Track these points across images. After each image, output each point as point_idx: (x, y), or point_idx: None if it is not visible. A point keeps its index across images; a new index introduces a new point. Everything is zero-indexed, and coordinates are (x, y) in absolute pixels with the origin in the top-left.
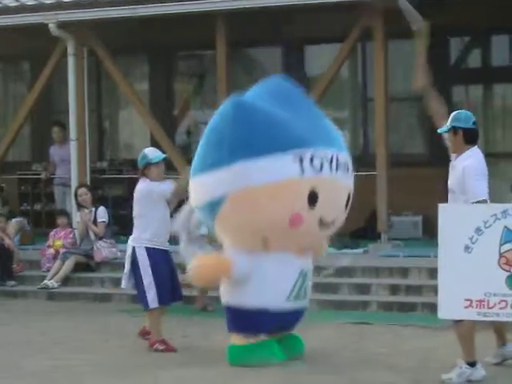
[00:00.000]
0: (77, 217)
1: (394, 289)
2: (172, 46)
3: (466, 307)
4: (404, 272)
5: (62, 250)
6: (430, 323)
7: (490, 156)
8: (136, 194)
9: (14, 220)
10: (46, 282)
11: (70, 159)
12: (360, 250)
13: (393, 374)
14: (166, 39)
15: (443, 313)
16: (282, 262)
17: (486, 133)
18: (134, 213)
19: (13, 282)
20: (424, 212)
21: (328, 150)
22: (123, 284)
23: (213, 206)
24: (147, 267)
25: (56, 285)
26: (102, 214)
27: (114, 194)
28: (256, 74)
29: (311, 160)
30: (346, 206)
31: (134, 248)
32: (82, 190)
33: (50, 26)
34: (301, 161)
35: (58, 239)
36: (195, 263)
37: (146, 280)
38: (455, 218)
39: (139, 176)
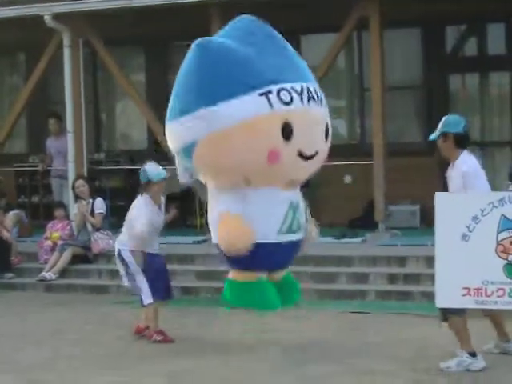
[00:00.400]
0: (74, 208)
1: (392, 278)
2: (168, 37)
3: (463, 295)
4: (402, 261)
5: (59, 242)
6: (428, 312)
7: (486, 144)
8: (133, 209)
9: (11, 212)
10: (43, 273)
11: (67, 151)
12: (358, 240)
13: (391, 362)
14: (162, 30)
15: (441, 301)
16: (268, 197)
17: (483, 121)
18: (127, 217)
19: (11, 275)
20: (421, 201)
21: (297, 83)
22: (124, 281)
23: (187, 152)
24: (136, 265)
25: (54, 277)
26: (100, 205)
27: (111, 185)
28: None
29: (278, 94)
30: (326, 137)
31: (120, 250)
32: (80, 182)
33: (46, 17)
34: (268, 95)
35: (55, 231)
36: (221, 234)
37: (137, 277)
38: (452, 207)
39: (141, 191)
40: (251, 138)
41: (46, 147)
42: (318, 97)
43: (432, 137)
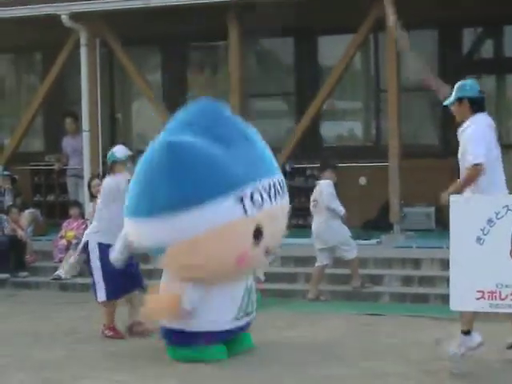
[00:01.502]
0: (89, 207)
1: (407, 280)
2: (185, 37)
3: (477, 299)
4: (417, 263)
5: (74, 241)
6: (443, 314)
7: (503, 147)
8: (101, 190)
9: (26, 211)
10: (58, 272)
11: (83, 150)
12: (373, 241)
13: (405, 365)
14: (179, 30)
15: (455, 304)
16: (227, 290)
17: (499, 123)
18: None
19: (25, 273)
20: (437, 203)
21: (265, 180)
22: (78, 268)
23: (154, 251)
24: (97, 261)
25: (68, 275)
26: None
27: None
28: (268, 65)
29: (251, 197)
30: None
31: (87, 242)
32: (95, 181)
33: (63, 17)
34: (242, 200)
35: (70, 230)
36: (149, 305)
37: (95, 274)
38: (467, 210)
39: (108, 172)
40: (223, 244)
41: (62, 146)
42: (281, 188)
43: (447, 102)
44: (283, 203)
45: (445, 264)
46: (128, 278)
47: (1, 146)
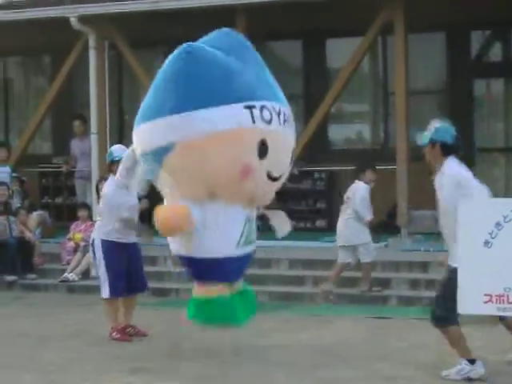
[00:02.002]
0: (98, 209)
1: (414, 283)
2: (192, 40)
3: (485, 302)
4: (424, 266)
5: (82, 243)
6: None
7: (511, 150)
8: (102, 196)
9: (34, 213)
10: (66, 275)
11: (91, 152)
12: (380, 244)
13: (412, 368)
14: (187, 32)
15: (463, 308)
16: (229, 212)
17: (507, 127)
18: (101, 205)
19: (33, 275)
20: None
21: (275, 103)
22: (93, 272)
23: (160, 154)
24: (101, 258)
25: (76, 278)
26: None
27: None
28: (277, 68)
29: (261, 110)
30: (291, 160)
31: (93, 239)
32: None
33: (71, 19)
34: (252, 110)
35: (78, 232)
36: (159, 216)
37: (100, 270)
38: (475, 213)
39: (106, 172)
40: (228, 148)
41: (71, 148)
42: (290, 121)
43: (421, 143)
44: (291, 133)
45: None
46: (132, 278)
47: (9, 147)
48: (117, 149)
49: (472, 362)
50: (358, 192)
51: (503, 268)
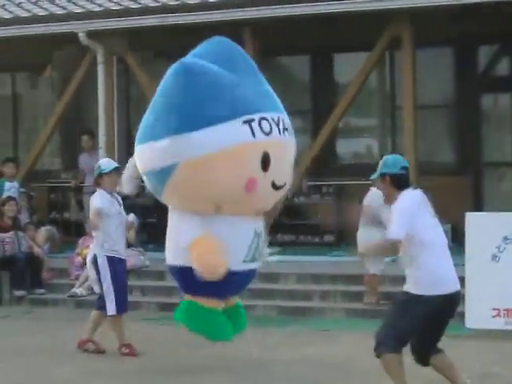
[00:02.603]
0: (90, 224)
1: None
2: None
3: (493, 316)
4: None
5: None
6: (459, 332)
7: None
8: (92, 209)
9: (43, 228)
10: (74, 290)
11: None
12: (388, 259)
13: (420, 383)
14: (195, 47)
15: (471, 322)
16: (236, 225)
17: None
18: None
19: (42, 290)
20: (453, 221)
21: (274, 113)
22: (95, 289)
23: (163, 174)
24: (107, 275)
25: (84, 293)
26: (132, 221)
27: (142, 202)
28: (285, 82)
29: (260, 123)
30: (292, 169)
31: (95, 255)
32: None
33: (80, 35)
34: (251, 124)
35: (86, 247)
36: (195, 254)
37: (106, 287)
38: (482, 228)
39: (94, 185)
40: (232, 165)
41: (79, 163)
42: (290, 129)
43: (373, 176)
44: (291, 141)
45: (461, 282)
46: (126, 290)
47: (18, 163)
48: (105, 162)
49: None
50: (374, 198)
51: (511, 282)
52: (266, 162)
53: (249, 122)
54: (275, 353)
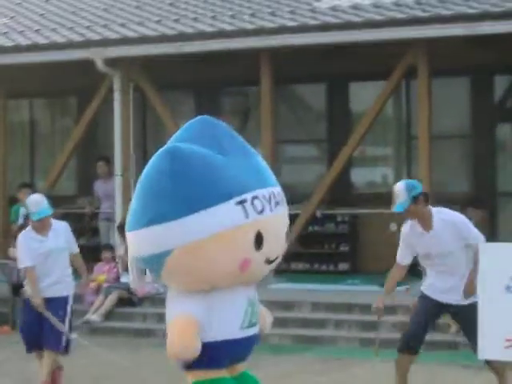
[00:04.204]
0: (120, 250)
1: (438, 327)
2: (217, 82)
3: (506, 347)
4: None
5: (104, 285)
6: (473, 362)
7: None
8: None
9: None
10: (88, 316)
11: (115, 194)
12: (403, 288)
13: None
14: (212, 75)
15: (483, 353)
16: (229, 297)
17: None
18: None
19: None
20: None
21: (265, 189)
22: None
23: (157, 259)
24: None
25: (98, 320)
26: None
27: None
28: (300, 110)
29: (252, 202)
30: (285, 240)
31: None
32: None
33: (97, 62)
34: (243, 205)
35: (101, 273)
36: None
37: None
38: (497, 258)
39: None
40: (226, 250)
41: (94, 190)
42: (281, 200)
43: (401, 208)
44: (283, 213)
45: None
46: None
47: (34, 188)
48: (34, 203)
49: None
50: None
51: None
52: (259, 242)
53: (242, 203)
54: (289, 380)
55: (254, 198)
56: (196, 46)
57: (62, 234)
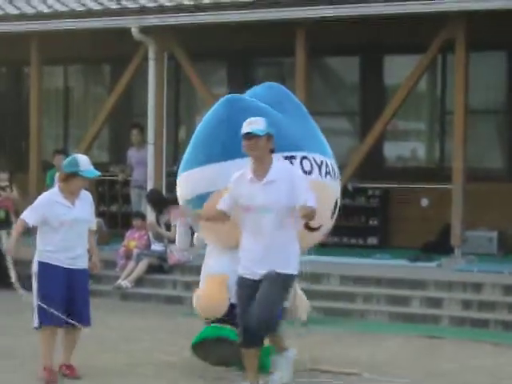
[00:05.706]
0: (151, 217)
1: (467, 304)
2: (251, 52)
3: None
4: (477, 287)
5: (135, 251)
6: (503, 340)
7: None
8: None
9: None
10: (119, 282)
11: (147, 162)
12: (433, 264)
13: None
14: (246, 45)
15: None
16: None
17: None
18: None
19: (90, 281)
20: (500, 228)
21: (317, 155)
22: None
23: (201, 201)
24: (35, 282)
25: (129, 285)
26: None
27: None
28: (334, 83)
29: (301, 161)
30: (334, 212)
31: (33, 262)
32: None
33: (133, 30)
34: (291, 161)
35: (132, 240)
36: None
37: (34, 295)
38: None
39: (59, 180)
40: None
41: (127, 157)
42: (334, 172)
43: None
44: (331, 186)
45: (506, 289)
46: (73, 306)
47: (68, 155)
48: (84, 162)
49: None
50: None
51: None
52: None
53: (289, 159)
54: (316, 352)
55: (304, 157)
56: (232, 16)
57: (88, 204)
